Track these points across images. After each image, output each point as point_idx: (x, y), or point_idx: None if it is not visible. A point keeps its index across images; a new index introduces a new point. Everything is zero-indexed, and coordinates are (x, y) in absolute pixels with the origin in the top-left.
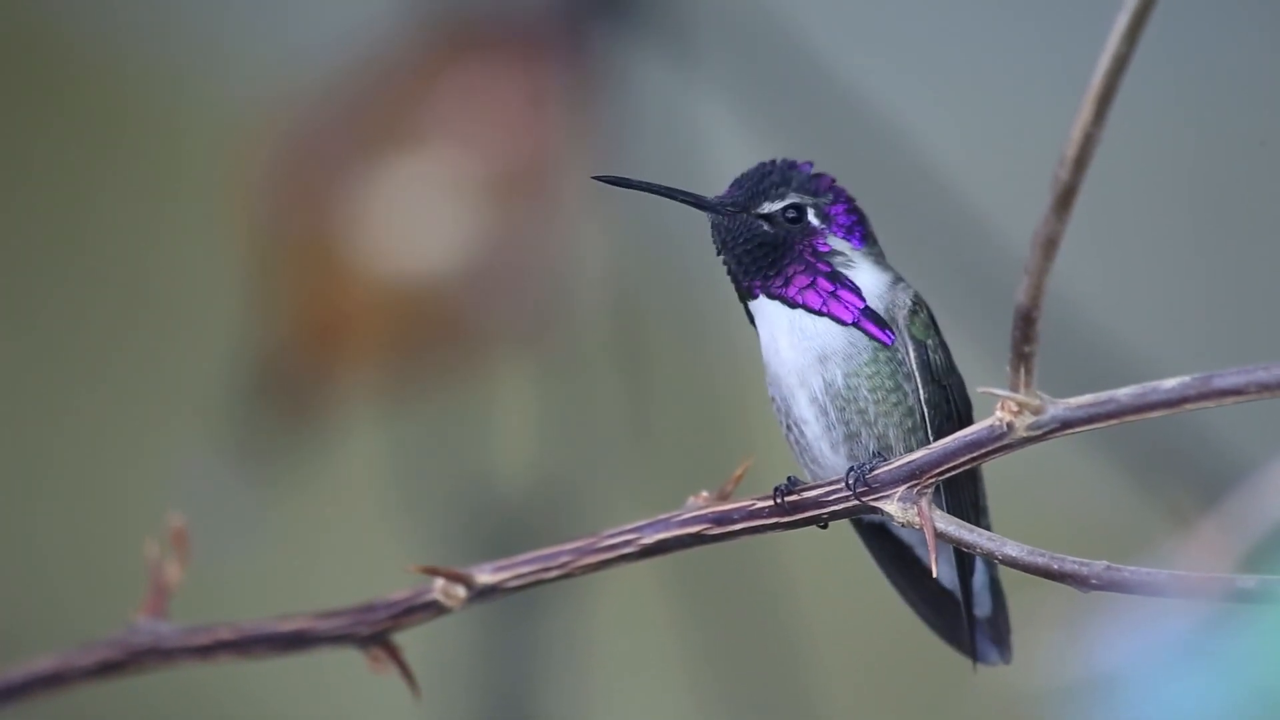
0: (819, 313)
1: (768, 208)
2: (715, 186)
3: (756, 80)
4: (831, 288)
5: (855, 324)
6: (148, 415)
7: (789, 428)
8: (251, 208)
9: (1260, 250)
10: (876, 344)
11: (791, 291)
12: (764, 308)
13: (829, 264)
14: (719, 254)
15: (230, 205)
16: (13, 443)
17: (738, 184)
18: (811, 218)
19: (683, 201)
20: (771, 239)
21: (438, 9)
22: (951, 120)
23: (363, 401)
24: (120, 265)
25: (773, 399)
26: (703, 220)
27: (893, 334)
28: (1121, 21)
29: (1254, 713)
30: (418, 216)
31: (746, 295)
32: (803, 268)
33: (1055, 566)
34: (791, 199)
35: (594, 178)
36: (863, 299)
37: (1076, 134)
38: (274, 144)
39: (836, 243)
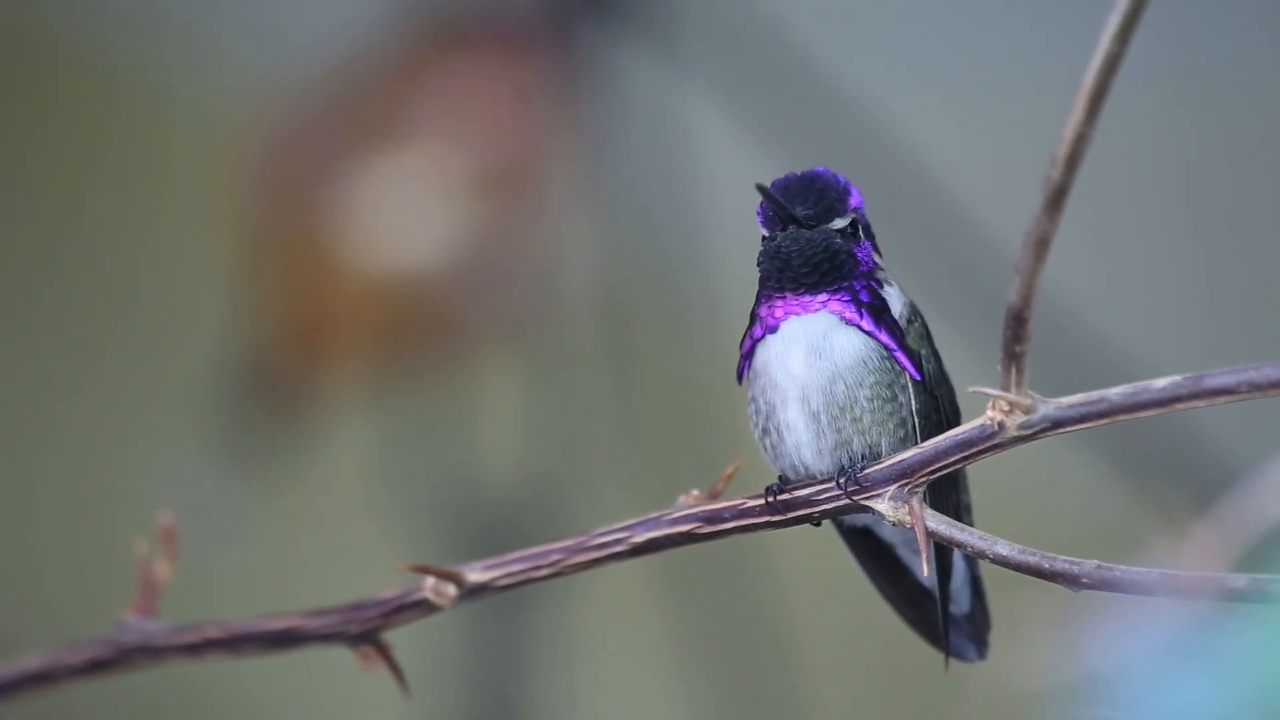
0: (863, 330)
1: (839, 222)
2: (702, 183)
3: (744, 77)
4: (872, 302)
5: (886, 347)
6: (136, 413)
7: (766, 431)
8: (238, 204)
9: (1258, 250)
10: (883, 354)
11: (837, 306)
12: (789, 326)
13: (879, 281)
14: (772, 265)
15: (217, 202)
16: (1, 441)
17: (803, 195)
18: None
19: (774, 208)
20: (844, 253)
21: (424, 6)
22: (942, 118)
23: (350, 398)
24: (107, 262)
25: (753, 399)
26: (689, 217)
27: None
28: (1113, 22)
29: (1247, 712)
30: (404, 213)
31: (771, 313)
32: (858, 282)
33: (1046, 565)
34: (851, 213)
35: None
36: (894, 317)
37: (1068, 134)
38: (261, 141)
39: (876, 256)
